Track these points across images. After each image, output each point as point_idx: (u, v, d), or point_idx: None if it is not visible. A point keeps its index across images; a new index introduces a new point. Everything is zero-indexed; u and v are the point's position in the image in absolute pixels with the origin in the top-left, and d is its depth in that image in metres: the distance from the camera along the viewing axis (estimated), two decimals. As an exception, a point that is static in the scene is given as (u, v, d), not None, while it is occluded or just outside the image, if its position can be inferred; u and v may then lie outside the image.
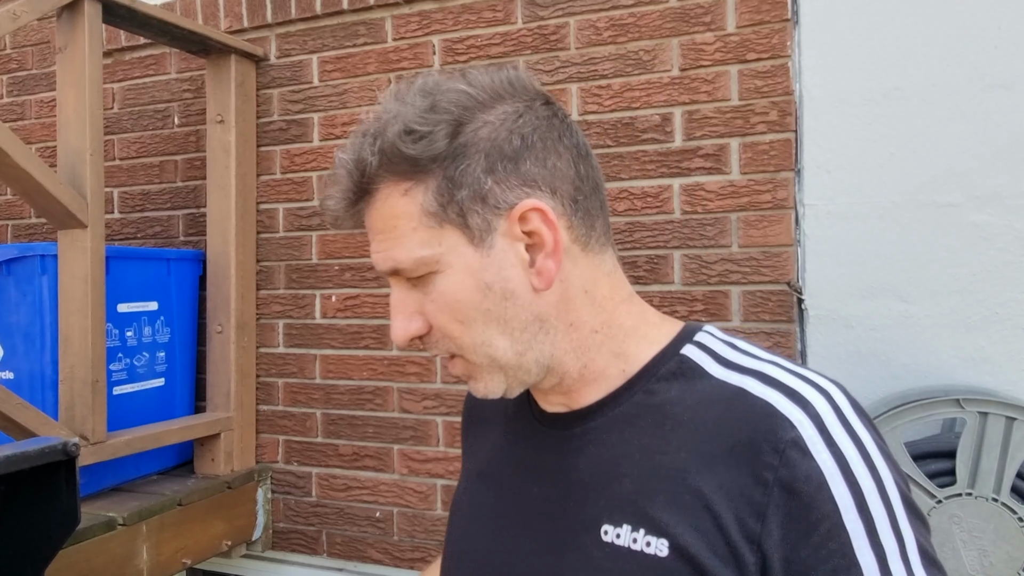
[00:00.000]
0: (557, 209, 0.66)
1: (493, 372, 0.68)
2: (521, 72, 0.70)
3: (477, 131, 0.65)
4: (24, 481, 1.20)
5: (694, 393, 0.66)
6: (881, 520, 0.58)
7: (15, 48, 2.42)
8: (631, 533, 0.63)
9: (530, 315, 0.67)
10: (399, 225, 0.66)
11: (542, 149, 0.67)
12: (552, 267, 0.66)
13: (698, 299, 1.69)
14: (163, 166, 2.22)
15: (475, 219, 0.64)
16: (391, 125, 0.65)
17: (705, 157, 1.69)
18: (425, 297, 0.67)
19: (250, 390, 2.06)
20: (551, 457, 0.72)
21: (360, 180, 0.67)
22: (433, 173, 0.64)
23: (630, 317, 0.71)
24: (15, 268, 1.69)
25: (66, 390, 1.64)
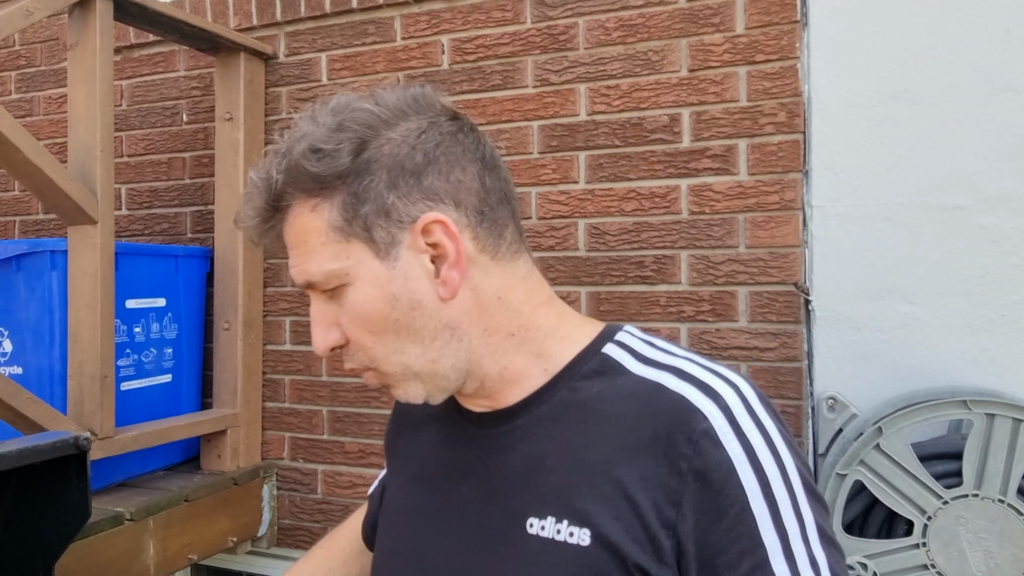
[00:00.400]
0: (461, 221, 0.69)
1: (409, 380, 0.71)
2: (427, 89, 0.73)
3: (380, 148, 0.68)
4: (36, 475, 1.21)
5: (615, 389, 0.69)
6: (784, 503, 0.63)
7: (24, 45, 2.43)
8: (555, 524, 0.66)
9: (439, 323, 0.69)
10: (309, 240, 0.68)
11: (445, 163, 0.69)
12: (456, 277, 0.68)
13: (705, 299, 1.69)
14: (171, 163, 2.23)
15: (380, 233, 0.67)
16: (298, 144, 0.68)
17: (713, 158, 1.69)
18: (340, 309, 0.70)
19: (256, 387, 2.06)
20: (480, 456, 0.75)
21: (270, 198, 0.69)
22: (338, 189, 0.67)
23: (549, 319, 0.74)
24: (25, 264, 1.70)
25: (75, 385, 1.65)
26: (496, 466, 0.73)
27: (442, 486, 0.77)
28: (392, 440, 0.92)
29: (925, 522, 1.39)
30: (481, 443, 0.75)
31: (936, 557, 1.38)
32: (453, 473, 0.77)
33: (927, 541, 1.39)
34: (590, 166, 1.79)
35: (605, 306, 1.77)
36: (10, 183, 2.45)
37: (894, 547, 1.41)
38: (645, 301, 1.74)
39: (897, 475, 1.41)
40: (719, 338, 1.68)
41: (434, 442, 0.81)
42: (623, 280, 1.76)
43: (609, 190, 1.77)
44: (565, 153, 1.81)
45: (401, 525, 0.81)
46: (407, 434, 0.88)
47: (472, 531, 0.72)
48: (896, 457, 1.41)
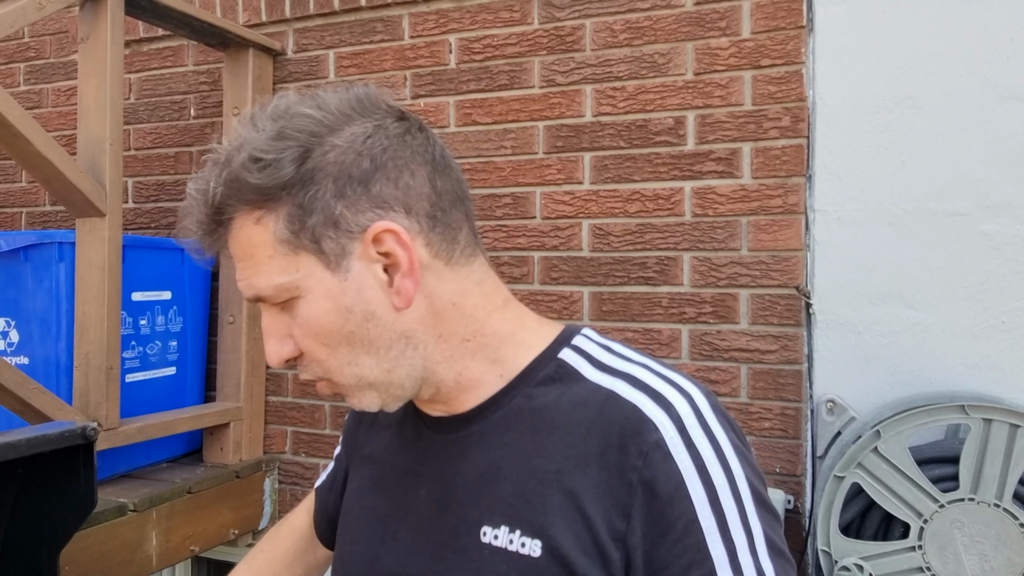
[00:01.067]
0: (412, 228, 0.66)
1: (364, 390, 0.69)
2: (372, 89, 0.70)
3: (325, 155, 0.65)
4: (43, 464, 1.22)
5: (569, 396, 0.68)
6: (732, 515, 0.62)
7: (33, 37, 2.44)
8: (508, 534, 0.66)
9: (394, 333, 0.67)
10: (256, 253, 0.66)
11: (393, 168, 0.66)
12: (410, 286, 0.67)
13: (707, 301, 1.71)
14: (178, 157, 2.24)
15: (329, 244, 0.65)
16: (238, 153, 0.64)
17: (717, 161, 1.70)
18: (292, 321, 0.68)
19: (260, 381, 2.08)
20: (436, 461, 0.74)
21: (210, 211, 0.66)
22: (283, 201, 0.64)
23: (505, 324, 0.73)
24: (32, 255, 1.71)
25: (81, 376, 1.66)
26: (451, 473, 0.72)
27: (397, 491, 0.77)
28: (351, 436, 0.91)
29: (921, 525, 1.40)
30: (437, 448, 0.74)
31: (932, 560, 1.40)
32: (409, 477, 0.76)
33: (923, 544, 1.40)
34: (595, 167, 1.80)
35: (608, 306, 1.79)
36: (17, 175, 2.46)
37: (890, 549, 1.43)
38: (647, 302, 1.76)
39: (894, 478, 1.42)
40: (720, 340, 1.70)
41: (391, 445, 0.80)
42: (626, 281, 1.77)
43: (613, 191, 1.79)
44: (570, 154, 1.82)
45: (357, 530, 0.80)
46: (366, 431, 0.87)
47: (426, 537, 0.72)
48: (894, 460, 1.42)
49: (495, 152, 1.89)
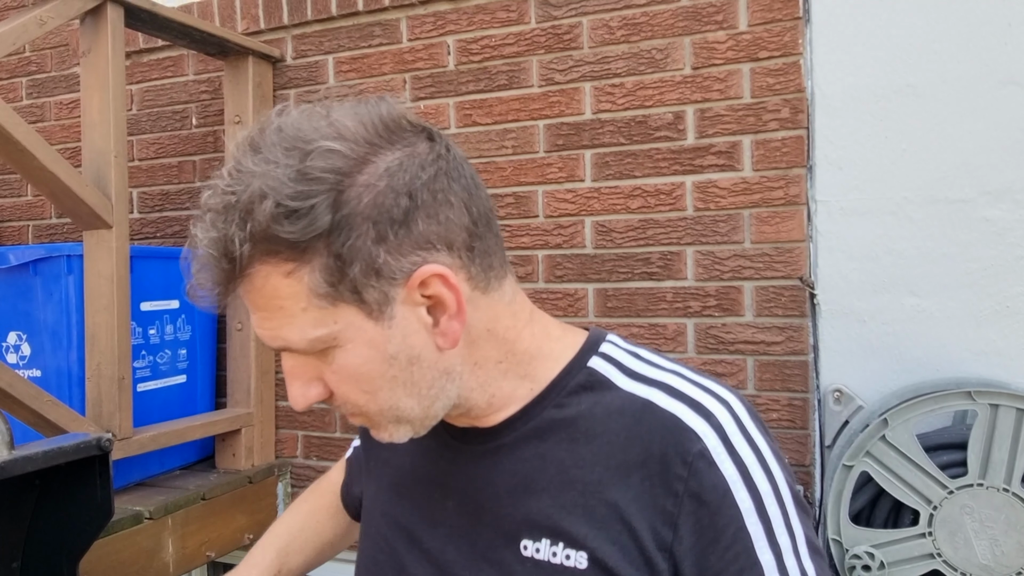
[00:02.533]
0: (455, 264, 0.63)
1: (399, 425, 0.67)
2: (391, 105, 0.64)
3: (360, 197, 0.58)
4: (59, 476, 1.24)
5: (603, 406, 0.68)
6: (777, 520, 0.63)
7: (35, 51, 2.46)
8: (550, 547, 0.65)
9: (436, 372, 0.65)
10: (286, 305, 0.60)
11: (432, 203, 0.61)
12: (457, 327, 0.63)
13: (711, 294, 1.71)
14: (182, 166, 2.26)
15: (371, 294, 0.60)
16: (260, 200, 0.57)
17: (717, 154, 1.71)
18: (324, 366, 0.63)
19: (270, 386, 2.09)
20: (464, 472, 0.73)
21: (232, 268, 0.59)
22: (318, 252, 0.58)
23: (534, 340, 0.71)
24: (42, 268, 1.73)
25: (93, 387, 1.68)
26: (482, 484, 0.71)
27: (423, 500, 0.76)
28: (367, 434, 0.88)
29: (931, 512, 1.41)
30: (465, 459, 0.73)
31: (942, 546, 1.40)
32: (434, 487, 0.75)
33: (933, 530, 1.41)
34: (596, 164, 1.81)
35: (612, 302, 1.79)
36: (23, 189, 2.48)
37: (900, 537, 1.43)
38: (652, 297, 1.76)
39: (903, 465, 1.43)
40: (725, 332, 1.70)
41: (412, 452, 0.78)
42: (630, 277, 1.78)
43: (615, 188, 1.79)
44: (571, 152, 1.83)
45: (380, 536, 0.79)
46: None
47: (458, 548, 0.71)
48: (902, 448, 1.43)
49: (496, 152, 1.90)
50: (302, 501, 1.03)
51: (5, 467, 1.09)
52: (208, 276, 0.61)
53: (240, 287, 0.61)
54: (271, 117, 0.63)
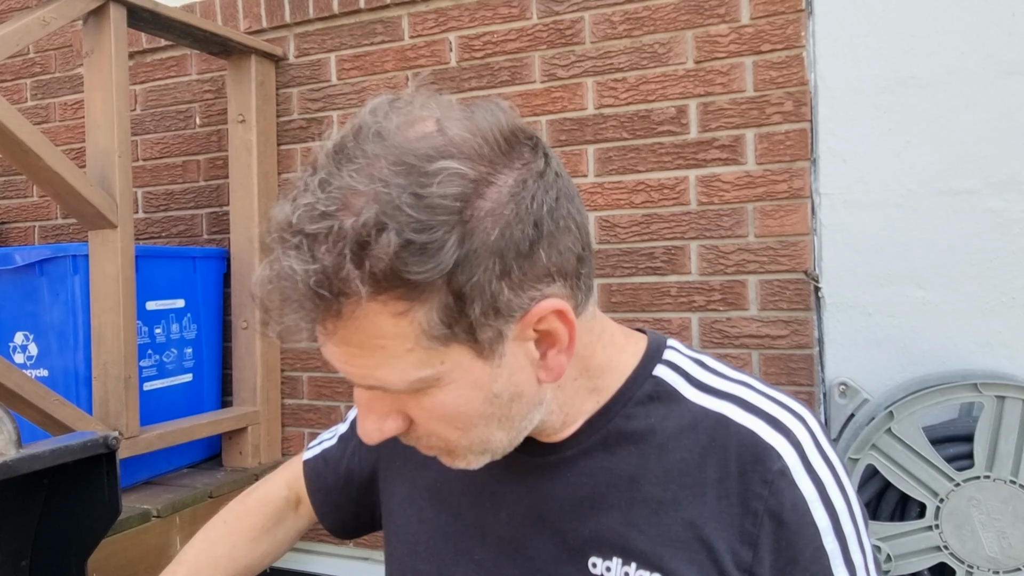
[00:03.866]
0: (567, 295, 0.58)
1: (483, 456, 0.63)
2: (508, 113, 0.57)
3: (486, 228, 0.52)
4: (67, 474, 1.25)
5: (674, 419, 0.65)
6: (852, 539, 0.62)
7: (38, 52, 2.46)
8: (622, 567, 0.62)
9: (533, 404, 0.62)
10: (389, 346, 0.53)
11: (554, 231, 0.56)
12: (564, 361, 0.59)
13: (715, 289, 1.71)
14: (186, 166, 2.26)
15: (486, 332, 0.54)
16: (378, 231, 0.49)
17: (721, 148, 1.70)
18: (412, 401, 0.58)
19: (275, 384, 2.10)
20: (521, 482, 0.69)
21: (336, 305, 0.51)
22: (436, 289, 0.51)
23: (605, 352, 0.67)
24: (48, 268, 1.74)
25: (100, 386, 1.69)
26: (542, 496, 0.67)
27: (469, 508, 0.72)
28: None
29: (937, 504, 1.41)
30: (522, 468, 0.69)
31: (949, 539, 1.40)
32: (484, 496, 0.71)
33: (940, 523, 1.41)
34: (599, 159, 1.81)
35: (617, 297, 1.79)
36: (28, 190, 2.49)
37: (907, 530, 1.43)
38: (656, 292, 1.76)
39: (909, 458, 1.42)
40: (730, 327, 1.70)
41: None
42: (634, 272, 1.78)
43: (618, 183, 1.79)
44: (574, 147, 1.83)
45: (420, 544, 0.75)
46: None
47: (512, 562, 0.68)
48: (908, 441, 1.42)
49: (499, 148, 1.89)
50: (217, 524, 0.92)
51: (13, 465, 1.09)
52: (304, 315, 0.52)
53: (337, 324, 0.52)
54: (364, 118, 0.55)
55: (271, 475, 0.98)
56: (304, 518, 0.95)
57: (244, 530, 0.90)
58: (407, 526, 0.77)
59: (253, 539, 0.90)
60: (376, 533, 0.90)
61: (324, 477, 0.90)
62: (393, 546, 0.79)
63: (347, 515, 0.91)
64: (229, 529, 0.91)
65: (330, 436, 0.94)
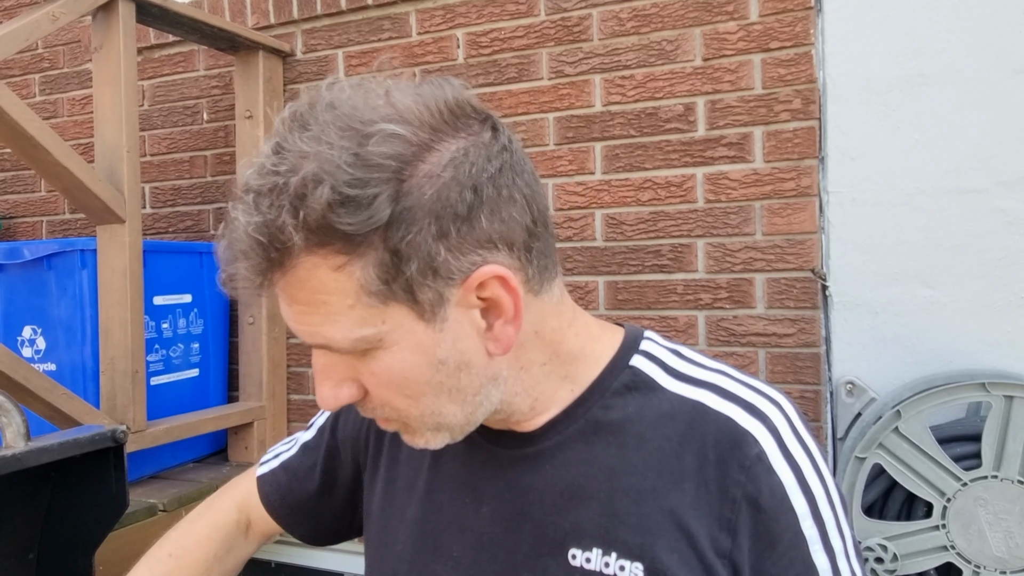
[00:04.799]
0: (514, 265, 0.58)
1: (438, 432, 0.63)
2: (456, 87, 0.59)
3: (422, 188, 0.54)
4: (75, 468, 1.25)
5: (652, 409, 0.65)
6: (830, 523, 0.62)
7: (47, 48, 2.47)
8: (602, 557, 0.62)
9: (485, 378, 0.61)
10: (330, 301, 0.55)
11: (497, 199, 0.57)
12: (512, 333, 0.59)
13: (722, 287, 1.71)
14: (193, 161, 2.27)
15: (425, 293, 0.55)
16: (314, 185, 0.52)
17: (728, 146, 1.70)
18: (362, 366, 0.59)
19: (281, 380, 2.11)
20: (500, 476, 0.69)
21: (277, 256, 0.54)
22: (373, 246, 0.53)
23: (577, 339, 0.67)
24: (56, 263, 1.74)
25: (107, 381, 1.69)
26: (521, 489, 0.67)
27: (450, 504, 0.71)
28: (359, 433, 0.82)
29: (944, 504, 1.40)
30: (500, 462, 0.69)
31: (956, 539, 1.40)
32: (465, 491, 0.70)
33: (947, 523, 1.40)
34: (606, 156, 1.81)
35: (623, 295, 1.79)
36: (36, 185, 2.50)
37: (914, 529, 1.43)
38: (662, 290, 1.76)
39: (916, 457, 1.42)
40: (736, 325, 1.70)
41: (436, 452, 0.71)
42: (640, 269, 1.78)
43: (625, 180, 1.79)
44: (581, 144, 1.83)
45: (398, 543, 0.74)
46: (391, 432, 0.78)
47: (492, 557, 0.67)
48: (915, 440, 1.42)
49: (506, 145, 1.89)
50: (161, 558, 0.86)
51: (21, 458, 1.10)
52: (249, 265, 0.55)
53: (281, 278, 0.55)
54: (321, 92, 0.57)
55: (216, 496, 0.93)
56: (253, 543, 0.91)
57: (195, 562, 0.85)
58: (387, 525, 0.76)
59: (204, 572, 0.85)
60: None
61: (290, 489, 0.87)
62: (374, 547, 0.78)
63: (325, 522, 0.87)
64: (177, 564, 0.85)
65: (287, 447, 0.90)
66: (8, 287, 1.80)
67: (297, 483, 0.87)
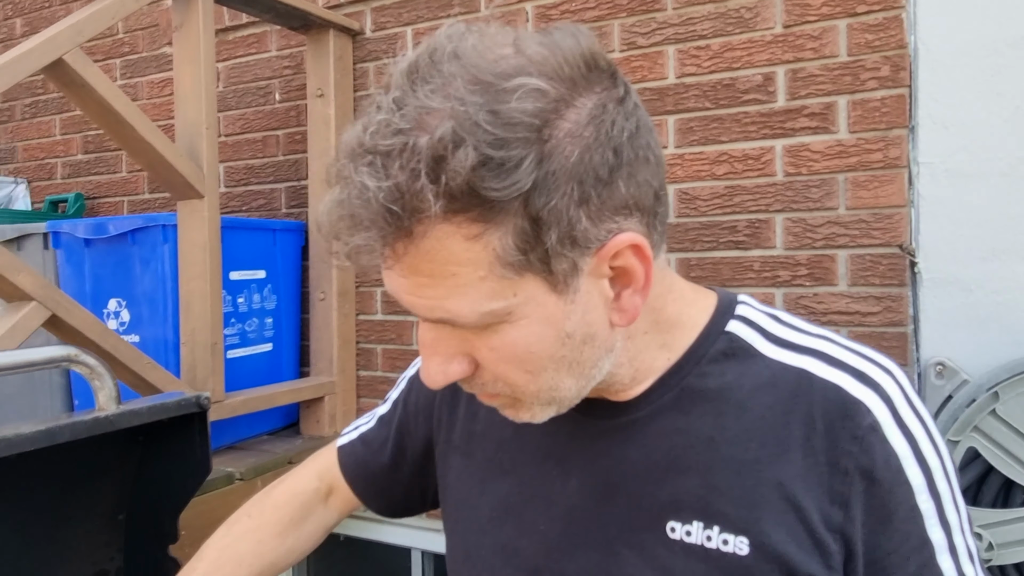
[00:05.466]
0: (644, 232, 0.55)
1: (548, 406, 0.61)
2: (587, 35, 0.54)
3: (563, 150, 0.50)
4: (161, 433, 1.29)
5: (751, 376, 0.62)
6: (946, 497, 0.59)
7: (127, 32, 2.55)
8: (703, 530, 0.60)
9: (604, 350, 0.59)
10: (460, 273, 0.51)
11: (633, 161, 0.53)
12: (639, 303, 0.57)
13: (802, 263, 1.65)
14: (266, 141, 2.31)
15: (561, 264, 0.52)
16: (455, 146, 0.47)
17: (811, 116, 1.63)
18: (479, 340, 0.56)
19: (351, 356, 2.14)
20: (590, 447, 0.66)
21: (407, 224, 0.49)
22: (511, 212, 0.49)
23: (675, 305, 0.64)
24: (139, 238, 1.80)
25: (187, 352, 1.74)
26: (613, 461, 0.65)
27: (534, 477, 0.69)
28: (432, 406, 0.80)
29: (1046, 491, 1.33)
30: (590, 433, 0.66)
31: (1059, 528, 1.32)
32: (551, 463, 0.68)
33: (1049, 511, 1.33)
34: (679, 130, 1.76)
35: (696, 272, 1.75)
36: (118, 165, 2.59)
37: (1012, 517, 1.35)
38: (738, 267, 1.71)
39: (1015, 442, 1.34)
40: (817, 303, 1.64)
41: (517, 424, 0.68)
42: (715, 246, 1.73)
43: (700, 154, 1.74)
44: (654, 118, 1.76)
45: (480, 518, 0.72)
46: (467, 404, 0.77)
47: (583, 530, 0.65)
48: (1014, 423, 1.34)
49: (576, 120, 1.86)
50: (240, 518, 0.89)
51: (113, 420, 1.13)
52: (373, 235, 0.50)
53: (405, 248, 0.51)
54: (439, 39, 0.52)
55: (299, 467, 0.95)
56: (333, 512, 0.93)
57: (270, 524, 0.87)
58: (468, 500, 0.74)
59: (279, 534, 0.87)
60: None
61: (365, 461, 0.88)
62: (454, 521, 0.77)
63: (396, 496, 0.88)
64: (254, 524, 0.87)
65: (367, 420, 0.91)
66: (94, 262, 1.87)
67: (372, 456, 0.87)
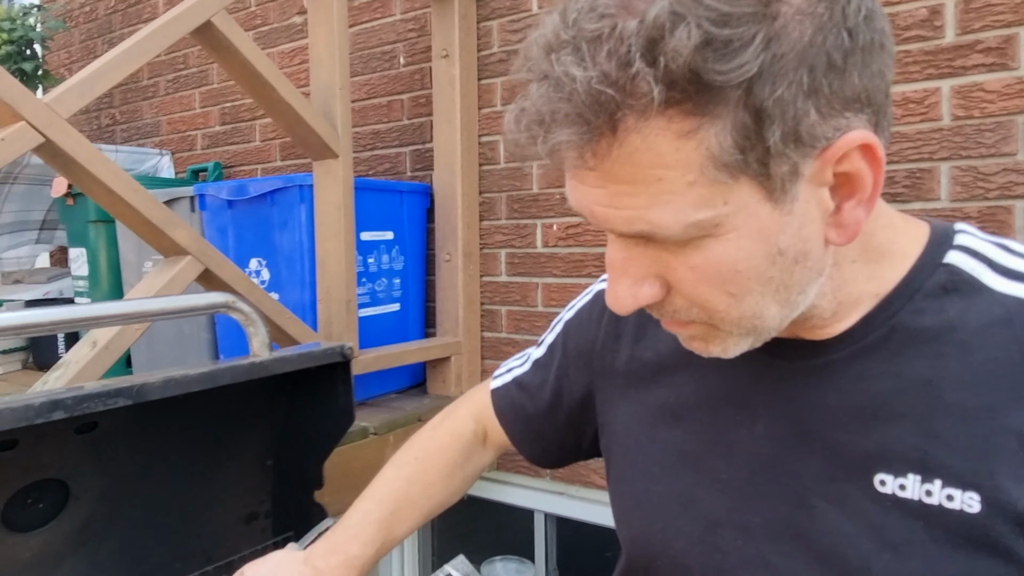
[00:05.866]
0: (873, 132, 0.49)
1: (746, 337, 0.55)
2: None
3: (793, 28, 0.43)
4: (306, 382, 1.33)
5: (977, 313, 0.55)
6: None
7: (259, 5, 2.64)
8: (922, 485, 0.53)
9: (814, 273, 0.52)
10: (666, 177, 0.45)
11: (870, 46, 0.46)
12: (862, 217, 0.50)
13: (972, 216, 1.49)
14: (391, 105, 2.34)
15: (781, 166, 0.46)
16: (674, 25, 0.41)
17: (985, 52, 1.47)
18: (676, 259, 0.50)
19: (475, 317, 2.14)
20: (778, 390, 0.61)
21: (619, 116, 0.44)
22: (731, 103, 0.43)
23: (885, 232, 0.57)
24: (278, 198, 1.86)
25: (323, 309, 1.79)
26: (808, 405, 0.59)
27: (714, 423, 0.64)
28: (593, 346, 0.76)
29: None
30: (779, 375, 0.61)
31: None
32: (733, 409, 0.63)
33: None
34: (829, 74, 1.63)
35: (846, 228, 1.62)
36: (252, 135, 2.70)
37: None
38: (894, 221, 1.57)
39: None
40: (989, 260, 1.48)
41: (695, 366, 0.65)
42: (868, 199, 1.60)
43: (852, 99, 1.60)
44: (800, 62, 1.66)
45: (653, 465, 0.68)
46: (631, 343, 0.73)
47: (774, 481, 0.60)
48: None
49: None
50: (408, 460, 0.89)
51: (268, 366, 1.17)
52: (579, 131, 0.45)
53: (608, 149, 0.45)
54: None
55: (453, 407, 0.94)
56: (489, 453, 0.92)
57: (438, 467, 0.88)
58: (637, 447, 0.71)
59: (447, 476, 0.88)
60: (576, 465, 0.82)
61: (521, 405, 0.86)
62: (621, 470, 0.73)
63: (551, 443, 0.86)
64: (422, 467, 0.88)
65: (520, 363, 0.89)
66: (236, 222, 1.95)
67: (528, 399, 0.86)
